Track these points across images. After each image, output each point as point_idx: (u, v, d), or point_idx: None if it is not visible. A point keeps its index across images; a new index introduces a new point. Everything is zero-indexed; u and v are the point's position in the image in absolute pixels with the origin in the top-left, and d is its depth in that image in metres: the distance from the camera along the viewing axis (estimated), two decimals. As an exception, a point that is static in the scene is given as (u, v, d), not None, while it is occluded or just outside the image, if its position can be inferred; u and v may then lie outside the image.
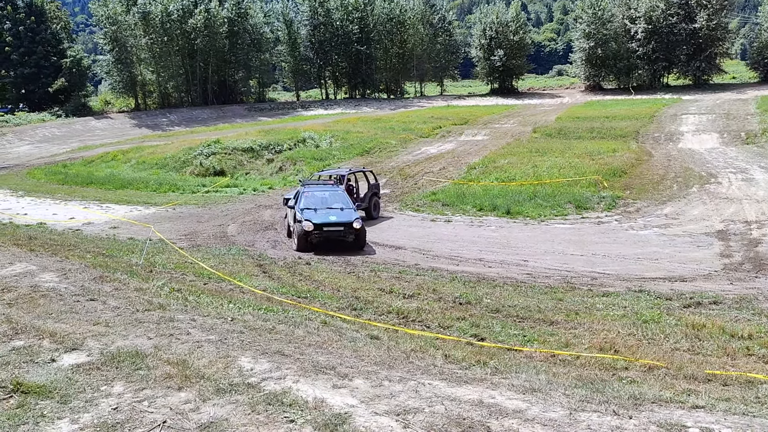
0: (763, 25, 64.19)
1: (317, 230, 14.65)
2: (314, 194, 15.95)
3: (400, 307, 9.41)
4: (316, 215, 14.94)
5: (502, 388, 5.03)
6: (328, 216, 14.96)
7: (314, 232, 14.64)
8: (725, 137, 31.65)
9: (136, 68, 64.27)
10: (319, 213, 15.06)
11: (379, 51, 72.54)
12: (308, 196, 15.72)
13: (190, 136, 41.61)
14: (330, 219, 14.86)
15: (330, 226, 14.74)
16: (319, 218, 14.79)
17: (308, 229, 14.57)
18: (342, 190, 16.82)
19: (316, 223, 14.65)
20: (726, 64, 66.36)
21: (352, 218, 14.90)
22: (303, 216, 14.89)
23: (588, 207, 18.85)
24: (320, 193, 16.08)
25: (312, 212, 15.03)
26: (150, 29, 62.39)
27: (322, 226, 14.67)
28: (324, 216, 14.94)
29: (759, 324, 8.38)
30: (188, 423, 4.10)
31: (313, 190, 16.21)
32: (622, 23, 64.48)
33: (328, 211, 15.22)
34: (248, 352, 5.61)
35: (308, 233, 14.65)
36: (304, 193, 15.86)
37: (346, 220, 14.83)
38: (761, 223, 15.81)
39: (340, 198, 16.11)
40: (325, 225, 14.73)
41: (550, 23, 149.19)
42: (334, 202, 15.74)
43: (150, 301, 7.76)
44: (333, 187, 17.06)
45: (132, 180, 28.50)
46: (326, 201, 15.73)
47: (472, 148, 31.35)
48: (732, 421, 4.42)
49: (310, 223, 14.59)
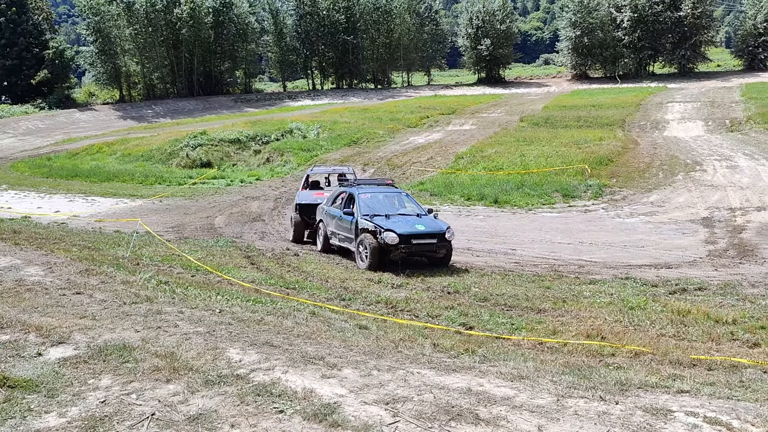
0: (747, 13, 64.64)
1: (404, 243, 11.31)
2: (376, 196, 12.82)
3: (389, 297, 9.43)
4: (395, 223, 11.61)
5: (490, 376, 5.06)
6: (413, 224, 11.68)
7: (400, 246, 11.31)
8: (710, 125, 31.90)
9: (120, 59, 63.58)
10: (394, 220, 11.80)
11: (365, 41, 72.26)
12: (368, 199, 12.59)
13: (176, 128, 41.31)
14: (417, 228, 11.56)
15: (419, 237, 11.48)
16: (401, 227, 11.46)
17: (392, 242, 11.24)
18: (405, 192, 13.97)
19: (402, 234, 11.29)
20: (711, 52, 66.80)
21: (443, 227, 11.74)
22: (376, 224, 11.59)
23: (575, 195, 18.96)
24: (382, 195, 12.97)
25: (384, 219, 11.78)
26: (134, 20, 61.74)
27: (409, 238, 11.36)
28: (406, 224, 11.65)
29: (743, 309, 8.48)
30: (177, 415, 4.09)
31: (372, 191, 13.07)
32: (607, 12, 64.68)
33: (405, 218, 12.04)
34: (237, 344, 5.60)
35: (390, 247, 11.33)
36: (360, 195, 12.64)
37: (436, 230, 11.65)
38: (745, 210, 15.98)
39: (406, 201, 13.12)
40: (414, 236, 11.43)
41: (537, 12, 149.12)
42: (401, 206, 12.83)
43: (137, 293, 7.72)
44: (393, 188, 13.87)
45: (118, 172, 28.29)
46: (392, 205, 12.72)
47: (459, 138, 31.37)
48: (716, 405, 4.47)
49: (394, 234, 11.25)
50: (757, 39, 61.35)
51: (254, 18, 71.37)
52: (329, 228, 13.30)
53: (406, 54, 74.51)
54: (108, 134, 43.51)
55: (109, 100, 64.38)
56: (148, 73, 65.39)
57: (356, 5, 70.80)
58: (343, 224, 12.65)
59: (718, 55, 71.32)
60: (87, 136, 43.38)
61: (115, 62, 62.99)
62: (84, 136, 44.18)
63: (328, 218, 13.38)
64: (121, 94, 64.97)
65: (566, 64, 69.46)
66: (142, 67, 64.65)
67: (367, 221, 11.80)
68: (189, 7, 61.61)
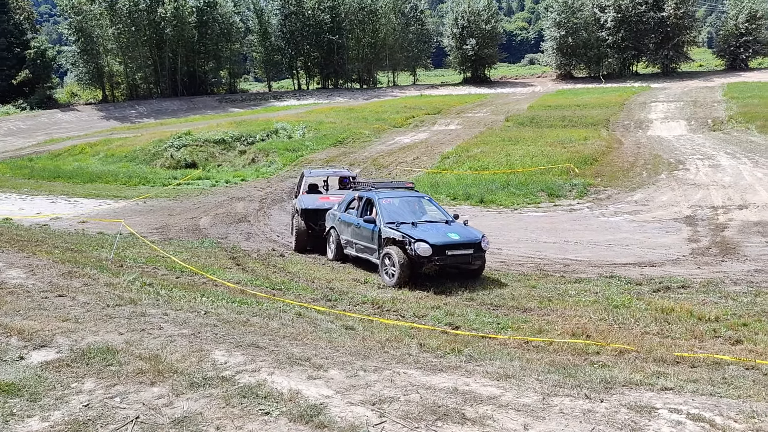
0: (728, 14, 65.36)
1: (437, 255, 10.12)
2: (398, 202, 11.67)
3: (375, 297, 9.43)
4: (426, 232, 10.40)
5: (476, 375, 5.08)
6: (445, 233, 10.48)
7: (434, 259, 10.12)
8: (693, 124, 32.23)
9: (102, 59, 63.01)
10: (423, 229, 10.58)
11: (351, 41, 72.19)
12: (389, 205, 11.43)
13: (160, 128, 41.00)
14: (451, 238, 10.36)
15: (454, 248, 10.27)
16: (433, 237, 10.27)
17: (425, 254, 10.03)
18: (427, 196, 12.80)
19: (435, 245, 10.10)
20: (693, 52, 67.53)
21: (478, 236, 10.54)
22: (404, 233, 10.36)
23: (560, 195, 19.07)
24: (404, 200, 11.79)
25: (411, 227, 10.57)
26: (117, 19, 61.23)
27: (444, 249, 10.17)
28: (438, 233, 10.46)
29: (725, 307, 8.58)
30: (161, 418, 4.06)
31: (393, 196, 11.89)
32: (591, 12, 65.20)
33: (433, 226, 10.83)
34: (222, 346, 5.57)
35: (421, 260, 10.12)
36: (381, 200, 11.51)
37: (472, 239, 10.45)
38: (727, 208, 16.16)
39: (430, 206, 11.93)
40: (448, 247, 10.22)
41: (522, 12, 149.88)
42: (423, 211, 11.64)
43: (121, 296, 7.65)
44: (414, 192, 12.63)
45: (101, 173, 28.02)
46: (415, 210, 11.56)
47: (445, 138, 31.43)
48: (699, 401, 4.52)
49: (427, 245, 10.05)
50: (739, 39, 62.11)
51: (239, 17, 71.10)
52: (343, 236, 12.23)
53: (392, 54, 74.56)
54: (91, 135, 43.07)
55: (92, 101, 63.78)
56: (132, 73, 64.86)
57: (341, 5, 70.72)
58: (362, 233, 11.53)
59: (701, 55, 72.12)
60: (69, 137, 42.94)
61: (98, 62, 62.41)
62: (66, 136, 43.73)
63: (342, 226, 12.29)
64: (103, 94, 64.39)
65: (551, 63, 69.86)
66: (125, 67, 64.11)
67: (392, 230, 10.62)
68: (172, 6, 61.21)
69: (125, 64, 63.90)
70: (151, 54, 63.97)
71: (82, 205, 20.88)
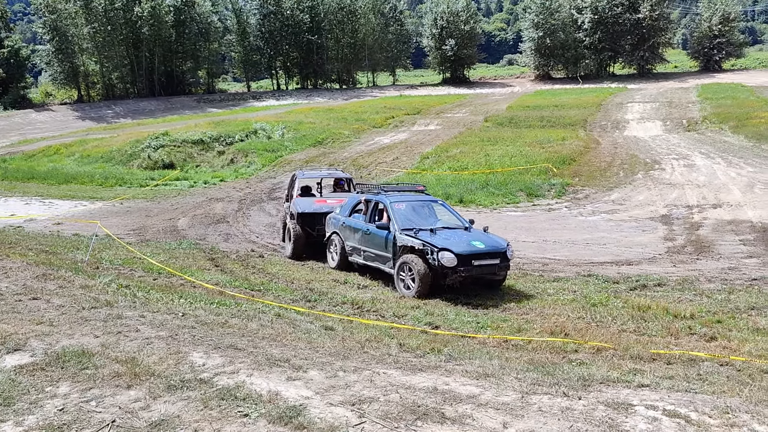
0: (702, 16, 66.47)
1: (463, 265, 9.38)
2: (411, 206, 10.92)
3: (355, 298, 9.42)
4: (448, 240, 9.70)
5: (456, 375, 5.09)
6: (469, 241, 9.77)
7: (459, 269, 9.37)
8: (668, 125, 32.70)
9: (78, 58, 62.14)
10: (444, 236, 9.91)
11: (330, 41, 72.07)
12: (403, 210, 10.70)
13: (137, 129, 40.53)
14: (476, 246, 9.65)
15: (480, 257, 9.58)
16: (457, 245, 9.55)
17: (450, 264, 9.31)
18: (441, 200, 12.11)
19: (461, 254, 9.37)
20: (668, 54, 68.54)
21: (503, 244, 9.91)
22: (424, 242, 9.61)
23: (539, 194, 19.22)
24: (417, 205, 11.07)
25: (430, 235, 9.85)
26: (92, 18, 60.41)
27: (470, 259, 9.45)
28: (460, 241, 9.76)
29: (700, 304, 8.72)
30: (138, 421, 4.01)
31: (405, 200, 11.09)
32: (569, 13, 65.94)
33: (453, 233, 10.14)
34: (200, 347, 5.51)
35: (445, 271, 9.39)
36: (394, 205, 10.71)
37: (497, 248, 9.77)
38: (702, 207, 16.42)
39: (444, 211, 11.31)
40: (474, 256, 9.52)
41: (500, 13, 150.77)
42: (437, 217, 11.02)
43: (96, 298, 7.54)
44: (426, 195, 11.91)
45: (76, 174, 27.61)
46: (429, 216, 10.91)
47: (424, 138, 31.51)
48: (675, 397, 4.58)
49: (452, 254, 9.33)
50: (712, 41, 63.19)
51: (217, 17, 70.62)
52: (349, 243, 11.46)
53: (371, 54, 74.57)
54: (66, 135, 42.42)
55: (67, 100, 62.84)
56: (108, 72, 64.04)
57: (320, 5, 70.57)
58: (372, 240, 10.75)
59: (675, 57, 73.19)
60: (44, 137, 42.24)
61: (73, 61, 61.54)
62: (41, 137, 43.02)
63: (347, 232, 11.53)
64: (79, 94, 63.47)
65: (529, 64, 70.43)
66: (101, 67, 63.28)
67: (410, 237, 9.87)
68: (149, 5, 60.53)
69: (101, 64, 63.07)
70: (128, 53, 63.20)
71: (57, 207, 20.55)
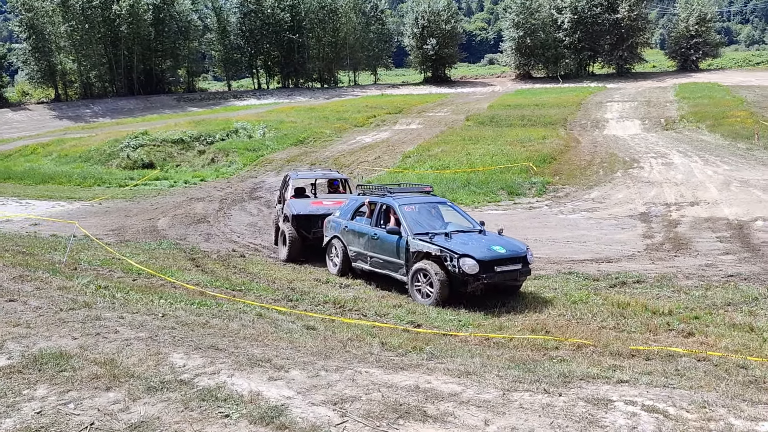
0: (680, 16, 67.41)
1: (485, 272, 8.84)
2: (421, 209, 10.36)
3: (337, 297, 9.41)
4: (466, 245, 9.09)
5: (437, 373, 5.11)
6: (488, 246, 9.20)
7: (481, 276, 8.83)
8: (647, 124, 33.09)
9: (55, 57, 61.27)
10: (461, 241, 9.28)
11: (311, 40, 71.85)
12: (414, 213, 10.11)
13: (115, 128, 40.09)
14: (497, 252, 9.10)
15: (501, 263, 9.03)
16: (478, 251, 8.96)
17: (472, 271, 8.74)
18: (449, 201, 11.57)
19: (482, 260, 8.83)
20: (646, 54, 69.38)
21: (523, 248, 9.44)
22: (442, 247, 9.04)
23: (520, 193, 19.34)
24: (426, 207, 10.52)
25: (445, 239, 9.27)
26: (70, 16, 59.59)
27: (492, 265, 8.92)
28: (479, 246, 9.15)
29: (678, 300, 8.84)
30: (117, 424, 3.96)
31: (415, 202, 10.49)
32: (549, 13, 66.47)
33: (469, 237, 9.55)
34: (180, 348, 5.47)
35: (466, 278, 8.81)
36: (403, 207, 10.13)
37: (518, 252, 9.27)
38: (680, 205, 16.64)
39: (454, 213, 10.71)
40: (496, 262, 8.98)
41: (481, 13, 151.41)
42: (448, 219, 10.42)
43: (74, 299, 7.45)
44: (434, 197, 11.40)
45: (54, 174, 27.24)
46: (439, 218, 10.36)
47: (406, 137, 31.55)
48: (654, 393, 4.64)
49: (473, 260, 8.77)
50: (689, 41, 64.08)
51: (196, 15, 70.05)
52: (353, 248, 10.86)
53: (353, 53, 74.47)
54: (43, 135, 41.83)
55: (44, 100, 61.93)
56: (86, 71, 63.20)
57: (301, 4, 70.33)
58: (381, 245, 10.15)
59: (654, 56, 74.08)
60: (20, 137, 41.62)
61: (50, 60, 60.67)
62: (17, 136, 42.38)
63: (350, 236, 10.93)
64: (56, 93, 62.59)
65: (510, 64, 70.85)
66: (79, 65, 62.42)
67: (425, 243, 9.29)
68: (128, 3, 59.85)
69: (79, 62, 62.22)
70: (106, 52, 62.44)
71: (34, 207, 20.25)
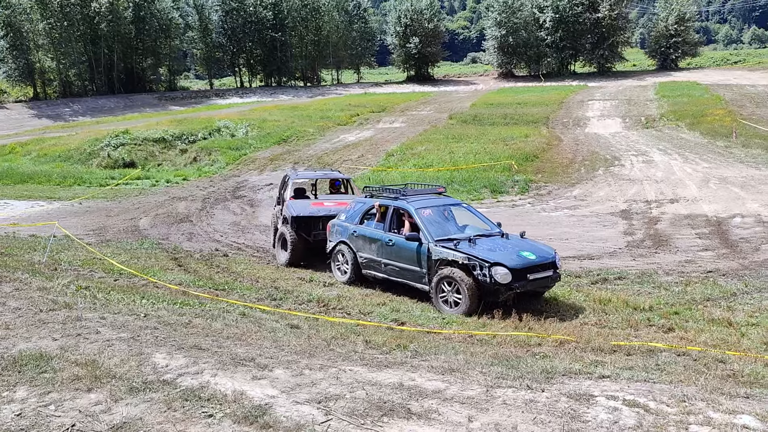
0: (659, 15, 68.10)
1: (518, 281, 8.31)
2: (438, 213, 9.81)
3: (321, 295, 9.40)
4: (494, 252, 8.58)
5: (421, 370, 5.12)
6: (517, 252, 8.67)
7: (514, 285, 8.28)
8: (627, 122, 33.39)
9: (33, 55, 60.39)
10: (487, 247, 8.77)
11: (294, 38, 71.61)
12: (431, 217, 9.55)
13: (95, 127, 39.62)
14: (528, 258, 8.57)
15: (534, 270, 8.51)
16: (508, 258, 8.44)
17: (504, 280, 8.21)
18: (464, 203, 11.05)
19: (515, 269, 8.28)
20: (627, 53, 70.00)
21: (552, 253, 9.01)
22: (470, 255, 8.49)
23: (503, 191, 19.44)
24: (442, 210, 9.95)
25: (469, 245, 8.76)
26: (48, 13, 58.78)
27: (524, 273, 8.38)
28: (507, 252, 8.63)
29: (659, 296, 8.96)
30: (99, 425, 3.93)
31: (431, 205, 9.89)
32: (531, 12, 66.82)
33: (493, 242, 9.06)
34: (163, 348, 5.43)
35: (498, 287, 8.27)
36: (421, 211, 9.56)
37: (548, 258, 8.80)
38: (660, 202, 16.83)
39: (471, 215, 10.26)
40: (529, 269, 8.46)
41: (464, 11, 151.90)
42: (464, 222, 9.95)
43: (55, 300, 7.36)
44: (448, 198, 10.86)
45: (33, 174, 26.85)
46: (457, 222, 9.90)
47: (389, 136, 31.56)
48: (635, 388, 4.70)
49: (506, 269, 8.23)
50: (669, 40, 64.79)
51: (178, 13, 69.33)
52: (363, 254, 10.24)
53: (336, 52, 74.33)
54: (21, 134, 41.21)
55: (23, 98, 60.99)
56: (65, 69, 62.36)
57: (284, 2, 70.09)
58: (398, 252, 9.57)
59: (634, 56, 74.81)
60: (-2, 136, 40.97)
61: (28, 58, 59.78)
62: (-5, 135, 41.71)
63: (361, 242, 10.31)
64: (35, 91, 61.72)
65: (493, 62, 71.11)
66: (58, 64, 61.56)
67: (450, 250, 8.74)
68: (107, 0, 59.15)
69: (58, 61, 61.37)
70: (86, 50, 61.68)
71: (12, 207, 19.97)
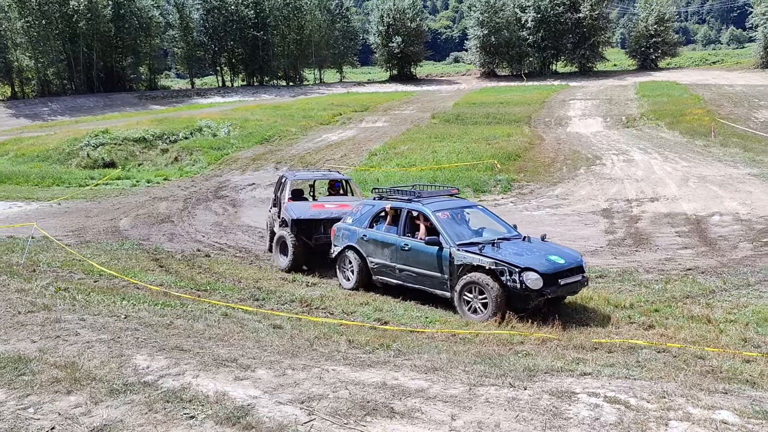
0: (639, 16, 68.81)
1: (549, 286, 7.97)
2: (455, 215, 9.53)
3: (304, 295, 9.38)
4: (521, 257, 8.23)
5: (405, 369, 5.13)
6: (544, 256, 8.37)
7: (545, 291, 7.96)
8: (608, 121, 33.70)
9: (11, 53, 59.53)
10: (512, 251, 8.43)
11: (276, 37, 71.28)
12: (449, 220, 9.25)
13: (75, 126, 39.15)
14: (558, 263, 8.27)
15: (564, 275, 8.20)
16: (538, 263, 8.11)
17: (535, 286, 7.86)
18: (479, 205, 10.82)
19: (545, 274, 7.94)
20: (608, 53, 70.61)
21: (578, 256, 8.76)
22: (497, 260, 8.15)
23: (485, 190, 19.53)
24: (459, 213, 9.69)
25: (493, 249, 8.45)
26: (26, 11, 57.93)
27: (555, 278, 8.06)
28: (534, 257, 8.30)
29: (639, 294, 9.06)
30: (79, 428, 3.89)
31: (447, 207, 9.60)
32: (513, 12, 67.09)
33: (516, 245, 8.77)
34: (144, 350, 5.39)
35: (528, 293, 7.93)
36: (437, 214, 9.21)
37: (576, 262, 8.51)
38: (640, 201, 17.01)
39: (487, 217, 9.97)
40: (560, 274, 8.15)
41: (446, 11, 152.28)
42: (480, 225, 9.66)
43: (33, 302, 7.27)
44: (462, 200, 10.76)
45: (10, 174, 26.44)
46: (474, 225, 9.63)
47: (372, 135, 31.55)
48: (616, 384, 4.74)
49: (537, 274, 7.88)
50: (649, 40, 65.49)
51: (158, 11, 68.70)
52: (374, 259, 9.82)
53: (318, 51, 74.08)
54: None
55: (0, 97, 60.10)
56: (43, 68, 61.52)
57: (265, 0, 69.62)
58: (415, 257, 9.17)
59: (615, 56, 75.50)
60: (-25, 136, 40.29)
61: (6, 57, 58.91)
62: (-29, 135, 41.02)
63: (372, 247, 9.88)
64: (12, 90, 60.85)
65: (475, 62, 71.33)
66: (36, 62, 60.73)
67: (474, 255, 8.37)
68: (86, -2, 58.52)
69: (36, 59, 60.53)
70: (65, 48, 60.87)
71: (-11, 208, 19.65)
